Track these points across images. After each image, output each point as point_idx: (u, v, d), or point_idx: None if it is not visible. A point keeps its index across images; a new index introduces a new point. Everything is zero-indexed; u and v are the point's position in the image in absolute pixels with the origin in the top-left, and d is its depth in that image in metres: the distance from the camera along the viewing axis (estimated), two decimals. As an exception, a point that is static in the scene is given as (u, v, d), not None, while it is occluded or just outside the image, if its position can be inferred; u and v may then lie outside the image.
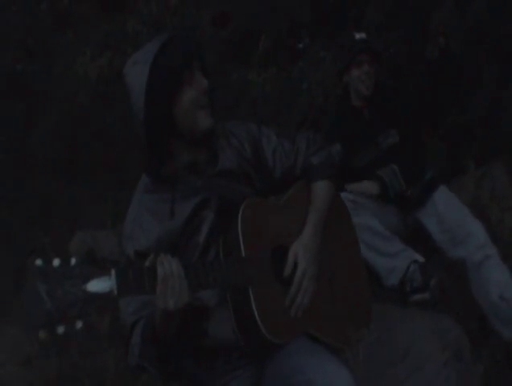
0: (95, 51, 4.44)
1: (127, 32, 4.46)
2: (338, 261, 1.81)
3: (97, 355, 2.81)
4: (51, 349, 2.92)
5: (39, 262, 1.27)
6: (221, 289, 1.60)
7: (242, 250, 1.59)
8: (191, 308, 1.59)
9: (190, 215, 1.65)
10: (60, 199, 4.13)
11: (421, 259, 2.70)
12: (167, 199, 1.65)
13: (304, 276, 1.67)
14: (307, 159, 1.82)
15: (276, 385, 1.60)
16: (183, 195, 1.66)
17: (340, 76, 2.96)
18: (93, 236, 3.40)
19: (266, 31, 4.17)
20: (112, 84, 4.40)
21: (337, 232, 1.85)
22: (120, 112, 4.35)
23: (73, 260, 1.30)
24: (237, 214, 1.62)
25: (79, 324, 1.27)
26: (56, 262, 1.29)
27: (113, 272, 1.34)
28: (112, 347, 2.79)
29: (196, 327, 1.63)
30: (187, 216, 1.65)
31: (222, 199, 1.67)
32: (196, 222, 1.65)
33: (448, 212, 2.74)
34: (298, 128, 3.75)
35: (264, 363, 1.65)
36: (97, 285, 1.31)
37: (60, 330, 1.25)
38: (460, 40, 3.34)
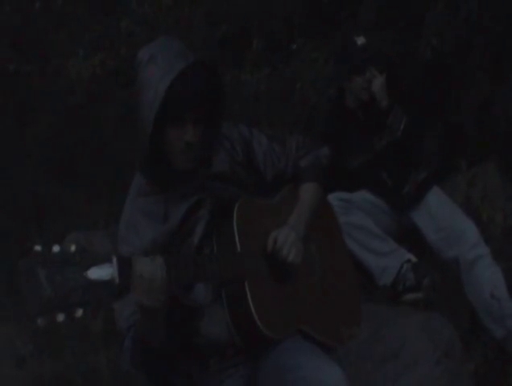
0: (88, 51, 4.42)
1: (120, 32, 4.45)
2: (327, 262, 1.82)
3: (90, 356, 2.80)
4: (44, 350, 2.92)
5: (38, 248, 1.24)
6: (218, 282, 1.60)
7: (238, 245, 1.60)
8: (183, 309, 1.60)
9: (184, 216, 1.65)
10: (54, 199, 4.11)
11: (414, 258, 2.72)
12: (162, 201, 1.66)
13: (287, 238, 1.66)
14: (295, 162, 1.85)
15: (270, 383, 1.60)
16: (177, 197, 1.66)
17: (337, 81, 2.94)
18: (87, 237, 3.40)
19: (259, 32, 4.17)
20: (105, 84, 4.40)
21: (325, 233, 1.87)
22: (113, 112, 4.34)
23: (73, 247, 1.27)
24: (231, 212, 1.63)
25: (79, 312, 1.24)
26: (56, 248, 1.25)
27: (114, 259, 1.32)
28: (105, 348, 2.78)
29: (189, 327, 1.63)
30: (182, 218, 1.65)
31: (216, 200, 1.68)
32: (191, 222, 1.66)
33: (440, 212, 2.75)
34: (291, 128, 3.76)
35: (257, 361, 1.65)
36: (97, 273, 1.28)
37: (60, 317, 1.22)
38: (452, 40, 3.36)
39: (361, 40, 2.80)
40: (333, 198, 2.66)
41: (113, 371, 2.68)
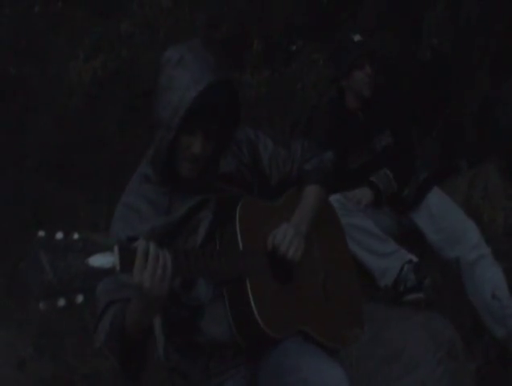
0: (88, 54, 4.43)
1: (121, 34, 4.45)
2: (330, 264, 1.83)
3: (91, 357, 2.80)
4: (45, 352, 2.92)
5: (41, 233, 1.25)
6: (220, 279, 1.60)
7: (240, 244, 1.61)
8: (184, 308, 1.60)
9: (186, 213, 1.66)
10: (54, 201, 4.12)
11: (415, 259, 2.71)
12: (167, 193, 1.66)
13: (286, 235, 1.66)
14: (300, 166, 1.86)
15: (271, 384, 1.60)
16: (182, 195, 1.67)
17: (336, 80, 2.94)
18: (87, 239, 3.38)
19: (259, 33, 4.18)
20: (105, 86, 4.40)
21: (328, 235, 1.87)
22: (114, 114, 4.35)
23: (76, 235, 1.28)
24: (233, 212, 1.64)
25: (79, 298, 1.25)
26: (59, 235, 1.26)
27: (115, 248, 1.32)
28: (106, 350, 2.78)
29: (190, 326, 1.63)
30: (184, 214, 1.65)
31: (221, 201, 1.69)
32: (193, 222, 1.66)
33: (441, 213, 2.75)
34: (291, 129, 3.76)
35: (259, 362, 1.65)
36: (99, 260, 1.28)
37: (61, 302, 1.23)
38: (452, 41, 3.36)
39: (357, 38, 2.81)
40: (333, 199, 2.66)
41: (114, 373, 2.67)
